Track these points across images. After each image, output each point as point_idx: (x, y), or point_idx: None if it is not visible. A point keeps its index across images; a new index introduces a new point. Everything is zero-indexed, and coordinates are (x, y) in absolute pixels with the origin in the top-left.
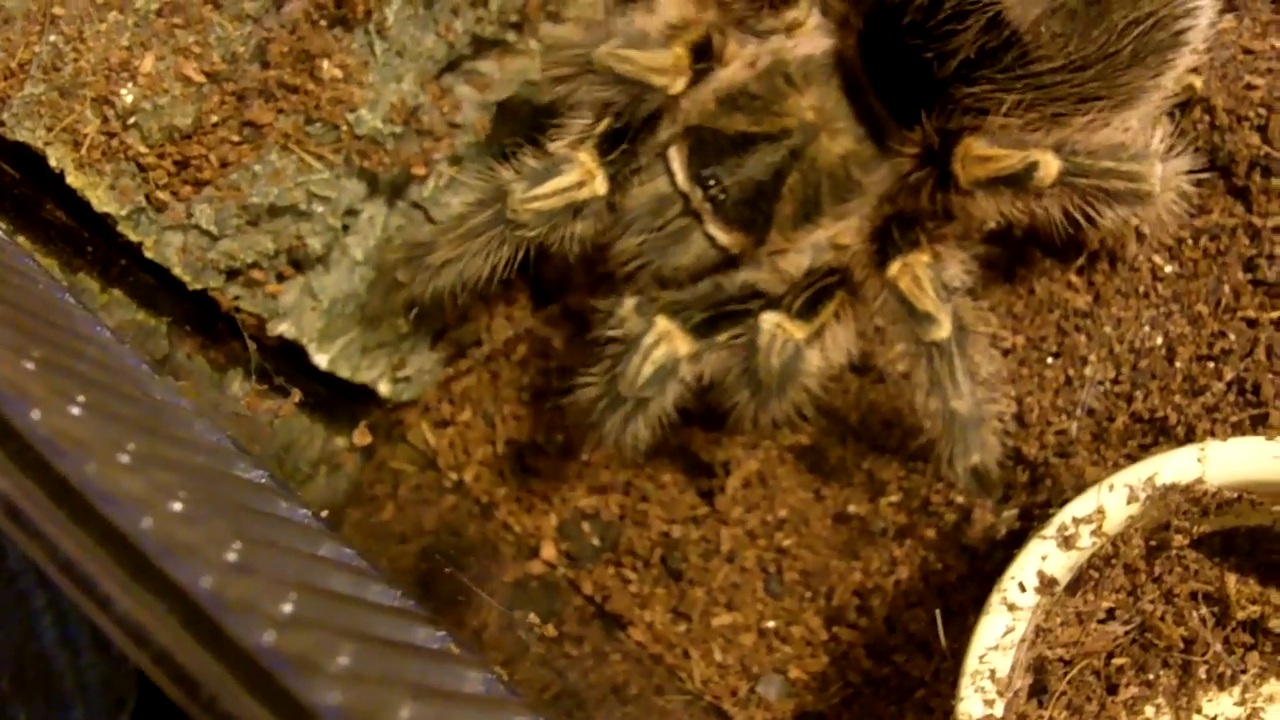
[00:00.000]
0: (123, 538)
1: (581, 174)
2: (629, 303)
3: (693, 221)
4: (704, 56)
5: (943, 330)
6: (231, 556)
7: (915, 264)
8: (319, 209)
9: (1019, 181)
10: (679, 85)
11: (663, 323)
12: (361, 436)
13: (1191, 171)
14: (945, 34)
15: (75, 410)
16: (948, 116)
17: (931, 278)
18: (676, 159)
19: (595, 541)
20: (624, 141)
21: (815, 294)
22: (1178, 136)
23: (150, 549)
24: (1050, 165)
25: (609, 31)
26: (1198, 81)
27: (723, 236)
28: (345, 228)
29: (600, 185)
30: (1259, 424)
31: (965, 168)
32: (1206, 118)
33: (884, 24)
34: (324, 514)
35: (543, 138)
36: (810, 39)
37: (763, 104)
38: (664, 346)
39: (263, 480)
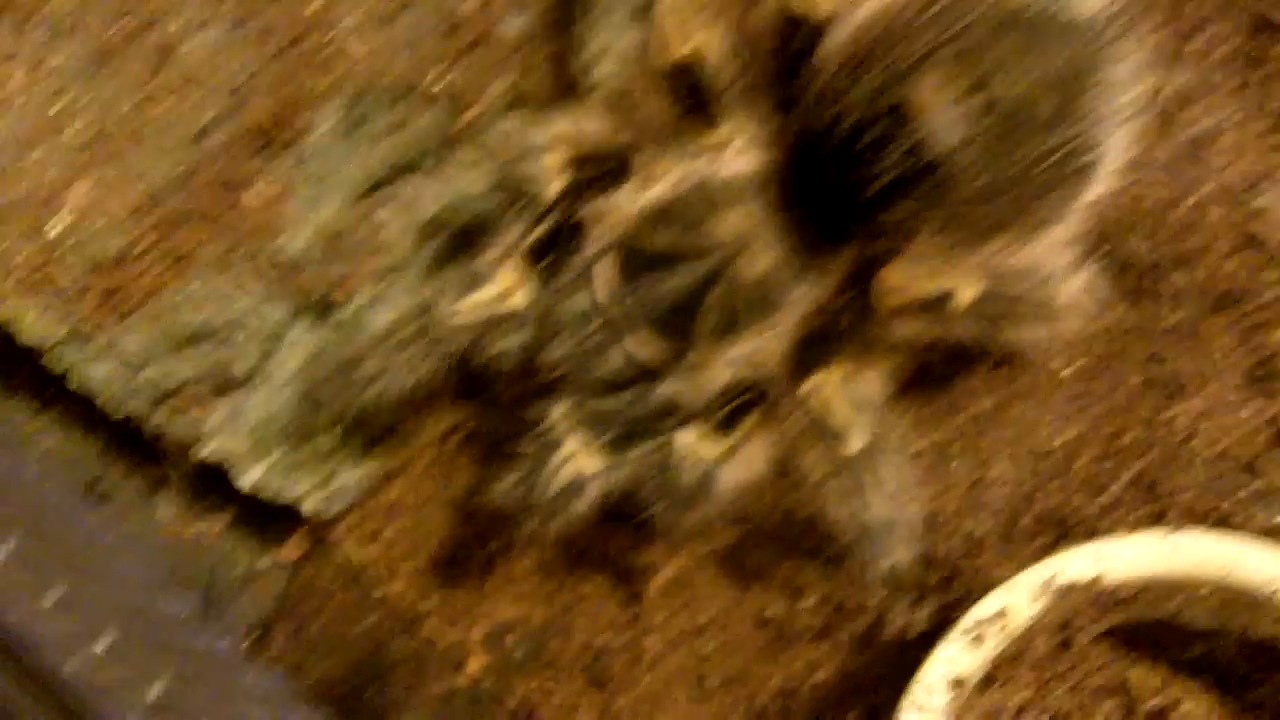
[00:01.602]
0: (47, 681)
1: (506, 286)
2: (556, 410)
3: (614, 336)
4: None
5: (854, 446)
6: (153, 695)
7: (827, 382)
8: (243, 334)
9: (936, 308)
10: (521, 298)
11: (573, 443)
12: (289, 553)
13: (1092, 279)
14: (867, 160)
15: (2, 556)
16: (870, 239)
17: (843, 396)
18: (601, 275)
19: (520, 652)
20: (551, 252)
21: (731, 413)
22: (1080, 249)
23: (75, 692)
24: (965, 292)
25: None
26: None
27: (643, 352)
28: (270, 351)
29: (524, 297)
30: (1158, 520)
31: (885, 296)
32: (1099, 225)
33: (809, 148)
34: (253, 633)
35: (466, 256)
36: (737, 159)
37: (687, 222)
38: (571, 466)
39: (187, 612)
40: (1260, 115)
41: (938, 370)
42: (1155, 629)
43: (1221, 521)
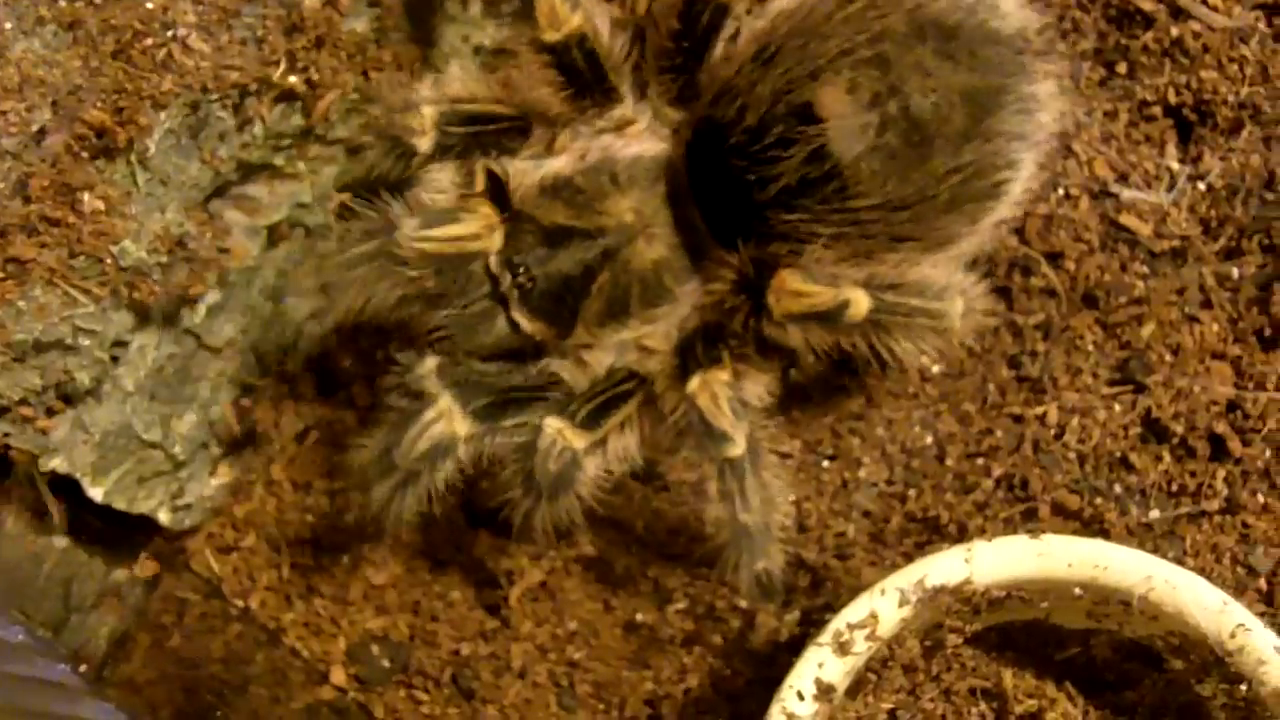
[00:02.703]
0: None
1: (480, 225)
2: (430, 362)
3: (498, 305)
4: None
5: (736, 449)
6: None
7: (714, 381)
8: (86, 342)
9: (830, 318)
10: (498, 241)
11: (444, 401)
12: (144, 567)
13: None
14: (769, 159)
15: None
16: (765, 241)
17: (729, 396)
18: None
19: (385, 663)
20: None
21: (604, 402)
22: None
23: None
24: (860, 304)
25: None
26: None
27: (526, 324)
28: (114, 359)
29: (497, 241)
30: (1029, 518)
31: (779, 301)
32: None
33: (711, 139)
34: (106, 649)
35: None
36: (642, 141)
37: (584, 199)
38: (442, 424)
39: (19, 638)
40: (1126, 107)
41: (805, 369)
42: (1027, 630)
43: (1093, 519)
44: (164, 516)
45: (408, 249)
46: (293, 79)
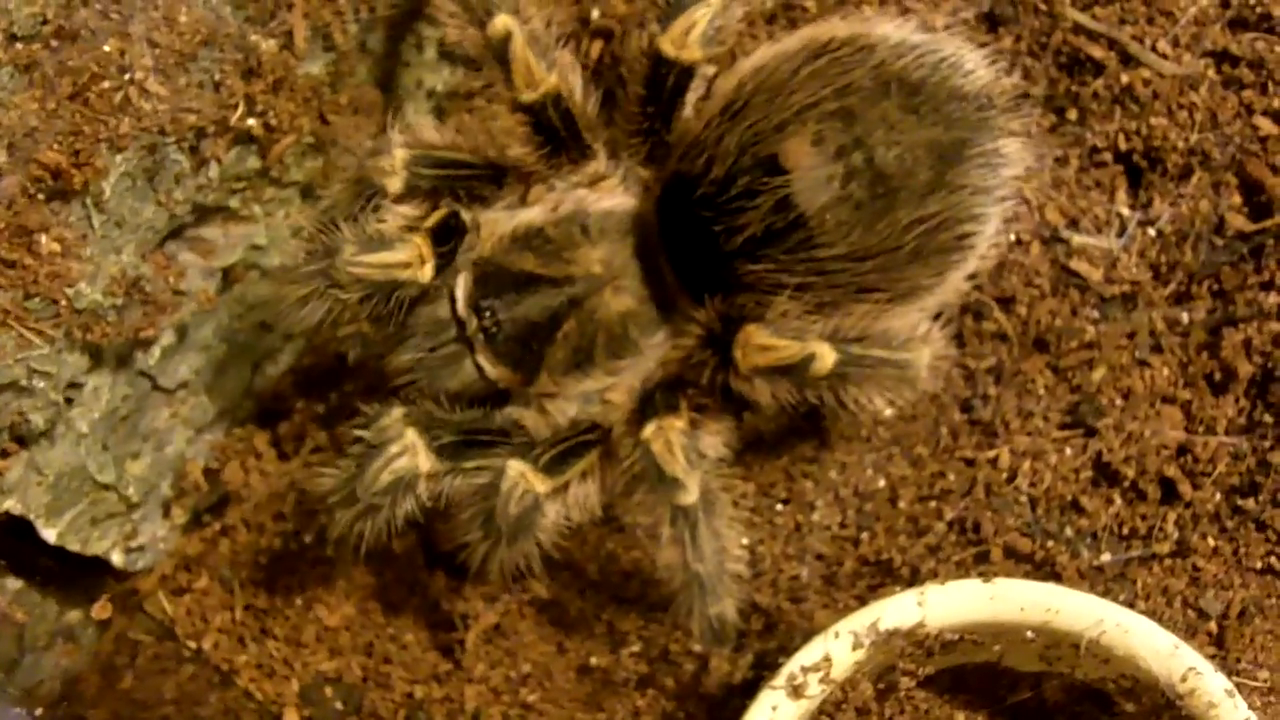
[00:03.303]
0: None
1: (411, 255)
2: (396, 411)
3: (464, 349)
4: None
5: (690, 496)
6: None
7: (670, 429)
8: (40, 384)
9: (796, 371)
10: (427, 274)
11: (410, 436)
12: (98, 609)
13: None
14: (735, 209)
15: None
16: (732, 292)
17: (684, 444)
18: (461, 285)
19: (339, 705)
20: (450, 243)
21: (567, 450)
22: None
23: None
24: (826, 358)
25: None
26: None
27: (491, 369)
28: (69, 400)
29: (427, 274)
30: (981, 561)
31: (746, 355)
32: None
33: (680, 192)
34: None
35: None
36: (614, 195)
37: (554, 249)
38: (406, 459)
39: None
40: (1077, 153)
41: (758, 411)
42: (980, 673)
43: (1045, 562)
44: (117, 558)
45: (342, 272)
46: (251, 121)
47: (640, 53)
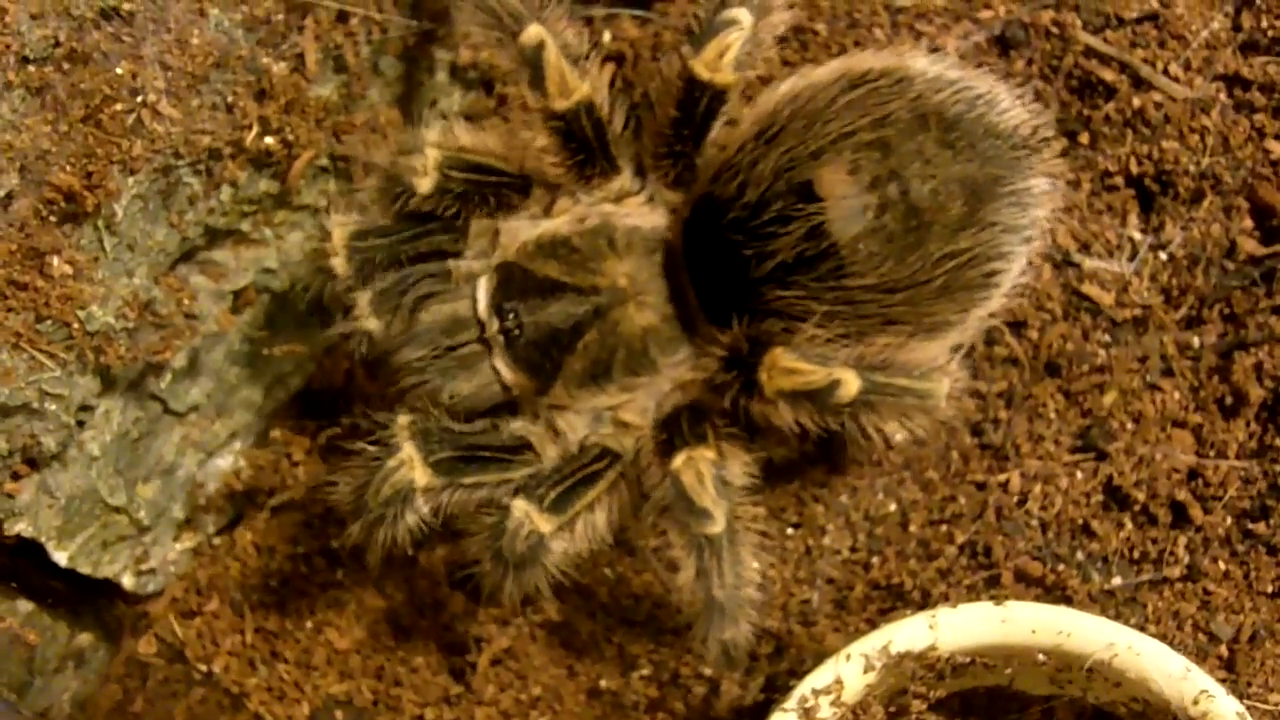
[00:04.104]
0: None
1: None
2: (403, 419)
3: (482, 351)
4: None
5: (716, 526)
6: None
7: (699, 459)
8: (52, 407)
9: (820, 397)
10: (426, 185)
11: (407, 450)
12: (110, 631)
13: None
14: (767, 235)
15: None
16: (759, 317)
17: (713, 475)
18: (484, 287)
19: None
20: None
21: (574, 485)
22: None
23: None
24: (851, 385)
25: None
26: None
27: (508, 374)
28: (80, 423)
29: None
30: (992, 585)
31: (771, 378)
32: None
33: (710, 215)
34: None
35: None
36: (641, 213)
37: (580, 258)
38: (403, 472)
39: None
40: (1088, 177)
41: (768, 435)
42: (991, 696)
43: (1055, 586)
44: (128, 581)
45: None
46: (268, 140)
47: (674, 75)
